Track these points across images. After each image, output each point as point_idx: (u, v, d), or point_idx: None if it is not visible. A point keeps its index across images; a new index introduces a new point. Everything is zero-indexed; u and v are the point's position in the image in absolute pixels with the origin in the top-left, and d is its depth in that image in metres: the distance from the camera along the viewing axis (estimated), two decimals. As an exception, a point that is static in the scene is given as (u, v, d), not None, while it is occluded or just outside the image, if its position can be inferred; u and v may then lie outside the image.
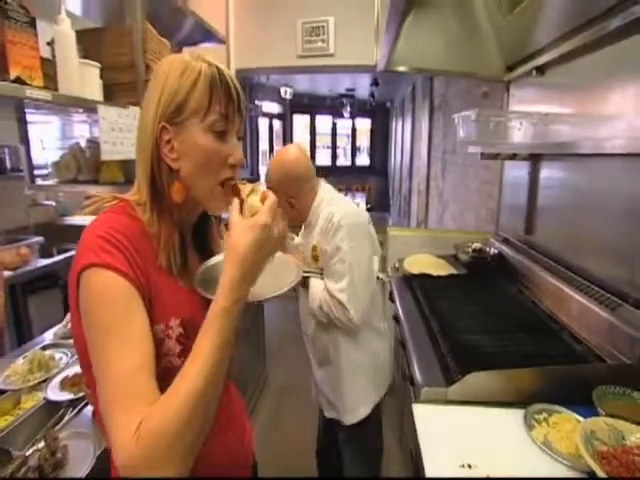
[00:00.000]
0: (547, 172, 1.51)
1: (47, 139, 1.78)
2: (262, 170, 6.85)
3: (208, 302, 0.62)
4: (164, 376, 0.52)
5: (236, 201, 0.58)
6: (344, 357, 1.32)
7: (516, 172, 1.75)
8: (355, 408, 1.34)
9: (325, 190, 1.31)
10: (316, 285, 1.27)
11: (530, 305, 1.36)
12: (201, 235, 0.71)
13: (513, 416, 0.88)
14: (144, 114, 0.59)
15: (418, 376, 1.10)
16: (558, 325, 1.19)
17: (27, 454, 0.90)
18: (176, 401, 0.46)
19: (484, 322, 1.25)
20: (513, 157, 1.60)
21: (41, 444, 0.92)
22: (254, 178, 5.47)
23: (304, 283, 1.29)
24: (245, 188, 0.60)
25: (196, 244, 0.71)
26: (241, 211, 0.57)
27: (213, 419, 0.51)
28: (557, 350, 1.06)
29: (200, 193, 0.61)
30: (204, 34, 1.89)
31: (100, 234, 0.53)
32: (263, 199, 0.58)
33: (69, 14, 1.08)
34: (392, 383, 1.51)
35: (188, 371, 0.49)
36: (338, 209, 1.20)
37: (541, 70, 1.47)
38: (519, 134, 1.49)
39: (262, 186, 0.61)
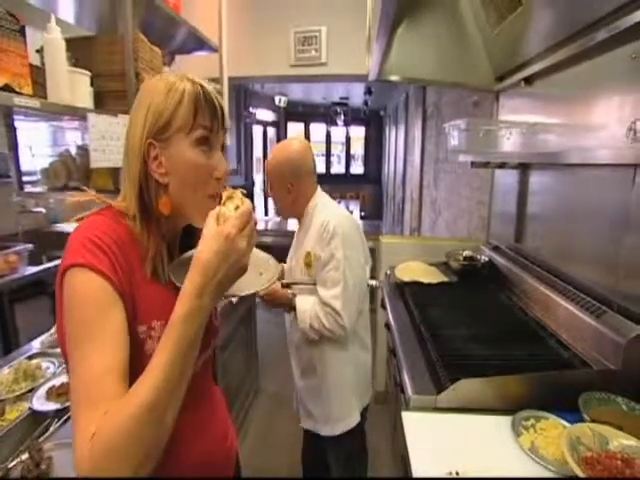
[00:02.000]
0: (536, 181, 1.53)
1: (37, 145, 1.77)
2: (257, 177, 6.86)
3: None
4: None
5: (216, 208, 0.57)
6: (330, 369, 1.31)
7: (506, 180, 1.78)
8: (335, 421, 1.32)
9: (322, 195, 1.35)
10: (303, 303, 1.25)
11: (519, 312, 1.37)
12: (188, 245, 0.72)
13: (501, 423, 0.88)
14: (131, 132, 0.61)
15: (408, 384, 1.10)
16: (546, 332, 1.20)
17: (9, 466, 0.88)
18: (126, 414, 0.45)
19: (474, 329, 1.26)
20: (503, 166, 1.62)
21: (25, 455, 0.90)
22: (248, 184, 5.47)
23: (290, 307, 1.30)
24: (224, 195, 0.59)
25: (182, 253, 0.72)
26: (217, 218, 0.55)
27: (172, 429, 0.50)
28: (545, 356, 1.07)
29: (188, 206, 0.63)
30: (197, 43, 1.91)
31: (87, 236, 0.55)
32: (237, 208, 0.57)
33: (62, 22, 1.09)
34: (372, 394, 1.54)
35: (141, 383, 0.48)
36: (333, 216, 1.22)
37: (529, 81, 1.51)
38: (508, 143, 1.52)
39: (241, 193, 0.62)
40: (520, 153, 1.46)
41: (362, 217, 7.06)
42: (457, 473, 0.76)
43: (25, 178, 1.52)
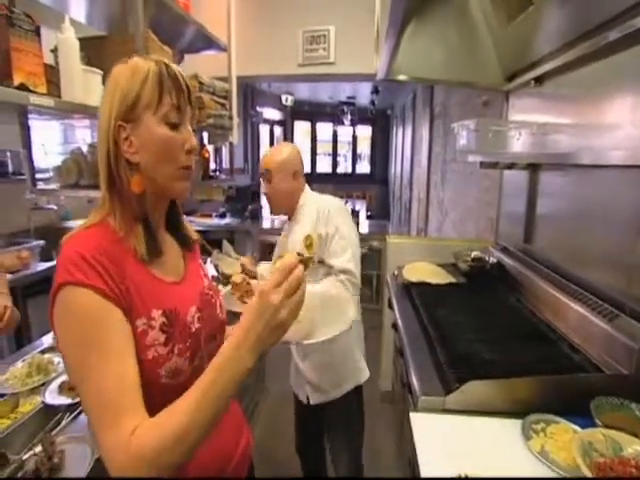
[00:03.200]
0: (546, 182, 1.52)
1: (49, 143, 1.79)
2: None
3: (188, 295, 0.70)
4: (152, 366, 0.58)
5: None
6: (336, 339, 1.34)
7: (515, 181, 1.76)
8: (345, 381, 1.42)
9: (308, 191, 1.47)
10: (324, 286, 1.27)
11: (528, 314, 1.36)
12: (172, 222, 0.76)
13: (511, 426, 0.88)
14: (100, 118, 0.62)
15: (416, 385, 1.10)
16: (556, 335, 1.19)
17: (24, 458, 0.89)
18: (162, 435, 0.49)
19: (482, 331, 1.25)
20: (512, 166, 1.61)
21: (38, 448, 0.92)
22: (255, 185, 5.48)
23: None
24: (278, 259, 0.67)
25: (170, 231, 0.76)
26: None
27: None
28: (555, 360, 1.06)
29: (161, 181, 0.64)
30: (206, 42, 1.92)
31: (72, 252, 0.56)
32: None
33: (73, 22, 1.10)
34: (379, 393, 1.63)
35: (180, 407, 0.51)
36: (327, 201, 1.39)
37: (540, 80, 1.49)
38: (518, 144, 1.51)
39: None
40: (530, 153, 1.44)
41: (368, 217, 7.03)
42: (466, 476, 0.76)
43: (38, 175, 1.54)
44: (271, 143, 7.34)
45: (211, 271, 2.20)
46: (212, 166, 2.25)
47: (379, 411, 2.38)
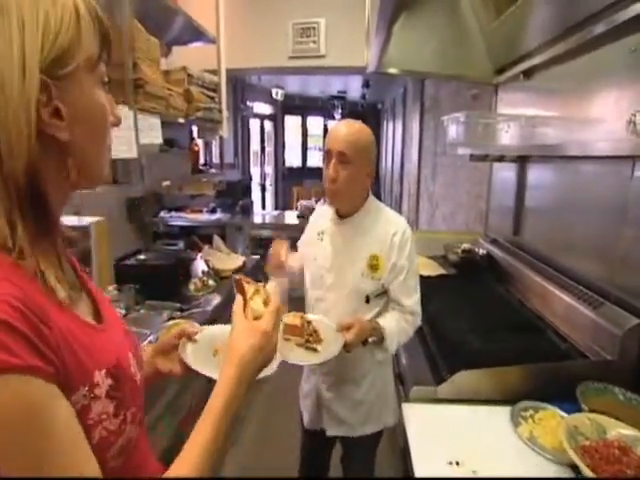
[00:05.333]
0: (534, 174, 1.54)
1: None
2: (254, 171, 6.82)
3: (120, 337, 0.54)
4: (100, 451, 0.42)
5: (240, 300, 0.59)
6: (377, 377, 1.21)
7: (504, 174, 1.78)
8: (373, 422, 1.22)
9: (374, 197, 1.21)
10: (391, 327, 1.09)
11: (517, 304, 1.39)
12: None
13: (500, 413, 0.90)
14: None
15: (408, 375, 1.11)
16: (544, 324, 1.21)
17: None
18: None
19: (472, 321, 1.27)
20: (501, 159, 1.62)
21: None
22: (245, 179, 5.44)
23: (367, 341, 1.07)
24: (249, 288, 0.61)
25: None
26: (244, 310, 0.58)
27: None
28: (543, 348, 1.08)
29: (93, 163, 0.46)
30: (194, 34, 1.89)
31: None
32: (266, 302, 0.60)
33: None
34: None
35: (180, 464, 0.46)
36: (404, 224, 1.15)
37: (528, 74, 1.50)
38: (507, 136, 1.52)
39: (267, 287, 0.64)
40: (518, 146, 1.46)
41: (360, 211, 7.02)
42: (457, 463, 0.77)
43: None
44: (262, 137, 7.29)
45: (202, 267, 2.19)
46: (202, 161, 2.23)
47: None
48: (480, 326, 1.23)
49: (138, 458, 0.52)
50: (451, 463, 0.78)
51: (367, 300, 1.13)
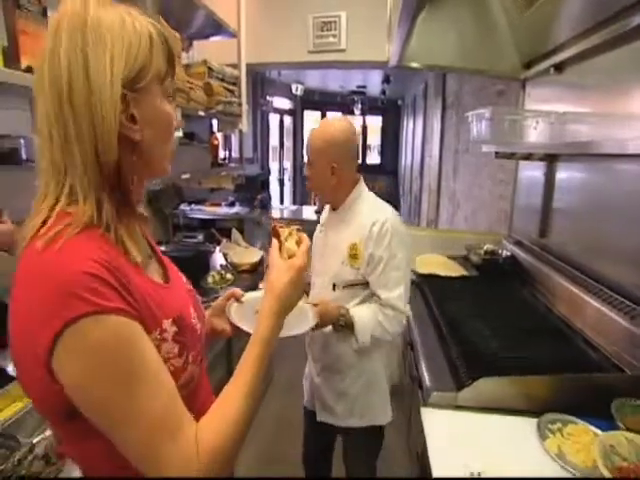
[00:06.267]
0: (564, 173, 1.47)
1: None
2: (273, 166, 6.84)
3: (183, 295, 0.65)
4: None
5: (275, 243, 0.68)
6: (363, 370, 1.23)
7: (531, 172, 1.71)
8: (357, 415, 1.25)
9: (364, 187, 1.25)
10: (362, 317, 1.13)
11: (543, 310, 1.33)
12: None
13: (525, 424, 0.86)
14: (88, 82, 0.47)
15: (427, 379, 1.08)
16: (573, 331, 1.16)
17: (34, 442, 0.90)
18: (225, 423, 0.52)
19: (495, 326, 1.22)
20: (528, 157, 1.56)
21: (48, 432, 0.92)
22: (265, 173, 5.44)
23: (337, 326, 1.14)
24: (283, 231, 0.70)
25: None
26: (280, 251, 0.67)
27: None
28: (572, 357, 1.03)
29: (155, 161, 0.57)
30: (215, 28, 1.88)
31: (74, 272, 0.44)
32: (299, 242, 0.69)
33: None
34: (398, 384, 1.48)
35: (232, 393, 0.55)
36: (387, 214, 1.16)
37: (559, 68, 1.43)
38: (535, 133, 1.45)
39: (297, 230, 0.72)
40: (548, 144, 1.39)
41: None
42: (479, 474, 0.74)
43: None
44: (281, 132, 7.29)
45: (220, 260, 2.20)
46: (221, 155, 2.22)
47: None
48: (504, 330, 1.19)
49: (201, 395, 0.61)
50: (472, 474, 0.74)
51: (333, 287, 1.20)
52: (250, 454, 1.87)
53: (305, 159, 1.25)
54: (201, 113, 1.50)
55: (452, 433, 0.87)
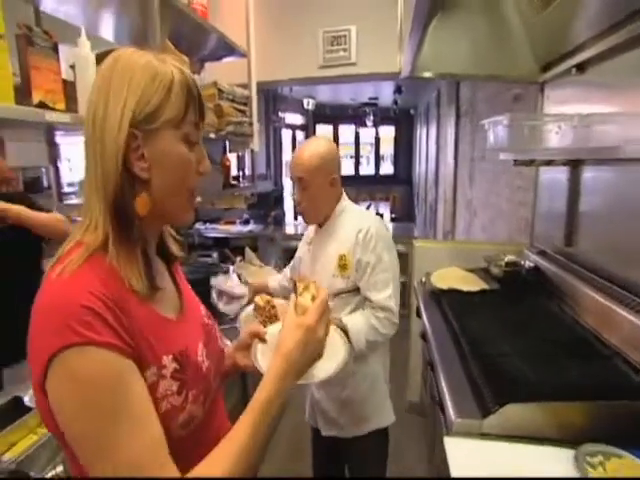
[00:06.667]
0: (590, 178, 1.39)
1: (75, 159, 1.82)
2: (286, 181, 6.89)
3: (193, 331, 0.63)
4: (166, 420, 0.51)
5: (293, 298, 0.64)
6: (362, 376, 1.25)
7: (553, 178, 1.63)
8: (366, 421, 1.28)
9: (346, 199, 1.31)
10: (355, 324, 1.18)
11: (574, 325, 1.24)
12: (161, 245, 0.67)
13: (560, 456, 0.78)
14: (103, 117, 0.51)
15: (449, 404, 1.01)
16: (609, 349, 1.07)
17: (47, 477, 0.88)
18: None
19: (520, 343, 1.14)
20: (550, 163, 1.49)
21: (60, 468, 0.90)
22: (278, 189, 5.49)
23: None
24: (300, 285, 0.66)
25: (159, 255, 0.67)
26: (295, 307, 0.63)
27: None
28: (609, 378, 0.94)
29: (169, 203, 0.57)
30: (226, 49, 1.91)
31: (72, 303, 0.45)
32: (314, 298, 0.64)
33: (94, 38, 1.10)
34: (406, 404, 1.50)
35: (220, 454, 0.50)
36: (371, 221, 1.23)
37: (582, 68, 1.37)
38: (557, 138, 1.39)
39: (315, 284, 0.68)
40: (572, 149, 1.32)
41: (393, 219, 6.89)
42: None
43: (68, 189, 1.58)
44: (293, 148, 7.35)
45: (234, 280, 2.18)
46: (235, 173, 2.23)
47: (406, 423, 2.28)
48: (530, 348, 1.11)
49: (208, 437, 0.58)
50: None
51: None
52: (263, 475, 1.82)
53: (292, 184, 1.25)
54: (212, 135, 1.51)
55: (479, 465, 0.81)
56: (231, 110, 1.62)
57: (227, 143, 2.01)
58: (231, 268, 2.15)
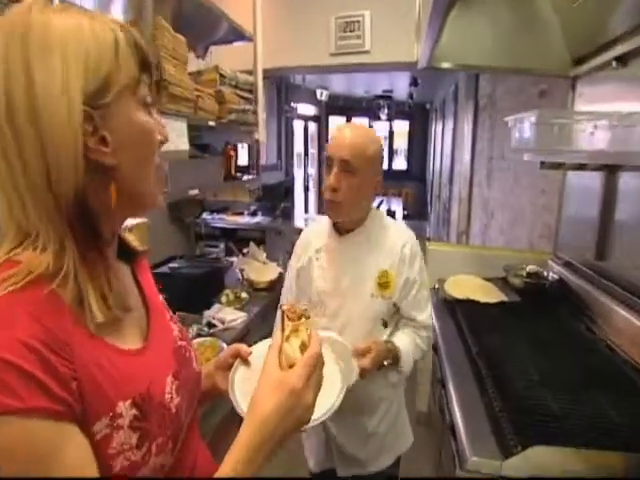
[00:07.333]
0: (628, 184, 1.25)
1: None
2: (297, 173, 6.76)
3: (161, 361, 0.51)
4: (123, 477, 0.42)
5: (278, 338, 0.51)
6: (393, 398, 1.12)
7: (584, 181, 1.49)
8: (385, 453, 1.13)
9: (376, 208, 1.10)
10: (405, 345, 1.02)
11: (605, 350, 1.11)
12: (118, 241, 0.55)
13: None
14: (34, 106, 0.39)
15: (463, 436, 0.90)
16: (647, 381, 0.94)
17: None
18: None
19: (545, 367, 1.03)
20: (581, 167, 1.34)
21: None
22: (289, 180, 5.36)
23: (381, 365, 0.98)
24: (288, 324, 0.52)
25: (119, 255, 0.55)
26: (280, 353, 0.50)
27: None
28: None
29: (141, 187, 0.47)
30: (232, 33, 1.79)
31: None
32: (304, 346, 0.50)
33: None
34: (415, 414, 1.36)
35: None
36: (410, 233, 1.08)
37: (623, 60, 1.22)
38: (590, 139, 1.24)
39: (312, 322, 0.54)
40: (610, 153, 1.18)
41: (405, 217, 6.74)
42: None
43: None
44: (305, 139, 7.22)
45: (237, 275, 2.09)
46: (246, 163, 2.11)
47: (415, 434, 2.17)
48: (556, 374, 0.99)
49: (176, 472, 0.50)
50: None
51: (385, 325, 1.04)
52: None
53: (338, 161, 0.95)
54: (211, 123, 1.40)
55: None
56: (233, 97, 1.51)
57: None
58: (234, 261, 2.04)
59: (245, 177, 1.90)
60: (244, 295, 1.84)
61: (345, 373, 0.67)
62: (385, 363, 0.98)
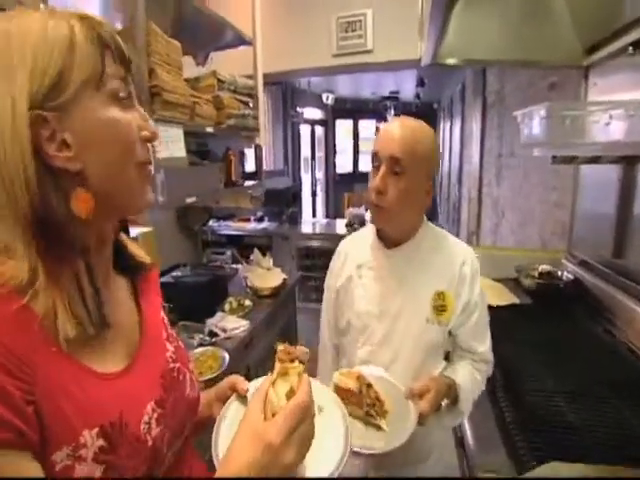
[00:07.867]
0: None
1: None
2: (304, 177, 6.75)
3: (144, 385, 0.47)
4: None
5: (265, 383, 0.45)
6: (445, 442, 0.98)
7: (599, 175, 1.42)
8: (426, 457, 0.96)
9: (428, 222, 0.95)
10: (465, 383, 0.85)
11: (626, 353, 1.04)
12: (119, 253, 0.52)
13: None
14: None
15: (473, 448, 0.85)
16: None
17: None
18: None
19: (560, 374, 0.97)
20: (596, 160, 1.27)
21: None
22: (294, 186, 5.35)
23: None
24: (277, 365, 0.46)
25: (117, 267, 0.52)
26: (266, 399, 0.44)
27: None
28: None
29: (119, 190, 0.43)
30: (231, 37, 1.77)
31: None
32: (292, 393, 0.43)
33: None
34: None
35: None
36: (469, 250, 0.92)
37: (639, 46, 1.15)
38: (605, 130, 1.18)
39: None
40: (628, 143, 1.11)
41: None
42: None
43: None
44: (312, 143, 7.21)
45: (242, 283, 2.06)
46: (253, 168, 2.08)
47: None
48: (573, 382, 0.93)
49: None
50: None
51: (446, 357, 0.91)
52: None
53: (386, 159, 0.81)
54: (209, 129, 1.37)
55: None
56: (232, 102, 1.48)
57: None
58: (240, 267, 2.02)
59: (247, 183, 1.87)
60: (247, 303, 1.81)
61: (397, 420, 0.60)
62: (443, 404, 0.82)
